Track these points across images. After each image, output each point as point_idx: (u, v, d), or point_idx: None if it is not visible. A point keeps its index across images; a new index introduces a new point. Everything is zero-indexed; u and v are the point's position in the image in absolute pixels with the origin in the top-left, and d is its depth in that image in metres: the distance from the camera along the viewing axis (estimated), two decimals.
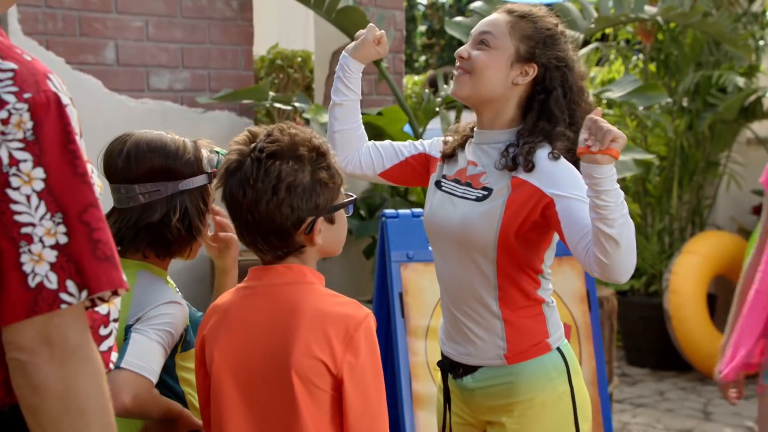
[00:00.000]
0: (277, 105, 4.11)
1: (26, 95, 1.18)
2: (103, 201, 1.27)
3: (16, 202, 1.16)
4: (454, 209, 2.07)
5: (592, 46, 6.07)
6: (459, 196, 2.08)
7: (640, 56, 6.18)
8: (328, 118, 2.28)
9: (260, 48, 5.64)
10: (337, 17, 3.96)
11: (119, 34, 4.05)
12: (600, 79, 6.35)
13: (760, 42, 5.92)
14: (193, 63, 4.24)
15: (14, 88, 1.18)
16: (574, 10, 4.37)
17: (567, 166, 2.00)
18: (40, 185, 1.17)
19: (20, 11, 3.80)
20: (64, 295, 1.17)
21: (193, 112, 4.22)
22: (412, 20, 12.46)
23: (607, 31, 6.21)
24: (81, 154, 1.21)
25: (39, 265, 1.17)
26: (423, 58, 12.81)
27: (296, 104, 4.02)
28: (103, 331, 1.37)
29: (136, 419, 1.79)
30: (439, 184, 2.15)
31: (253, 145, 1.65)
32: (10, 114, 1.17)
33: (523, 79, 2.06)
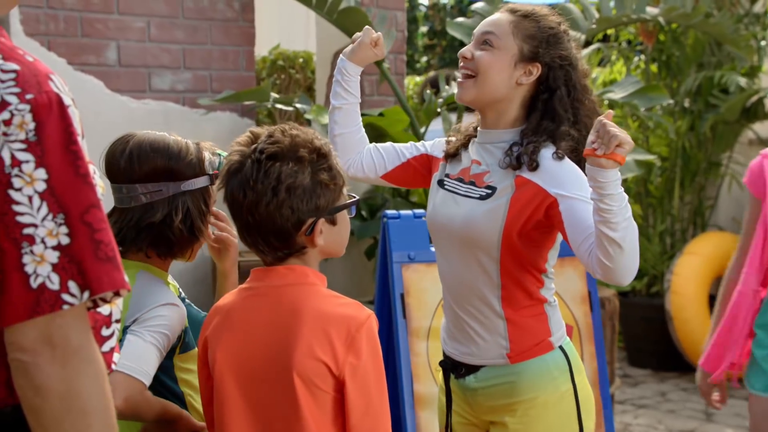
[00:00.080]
0: (278, 106, 4.11)
1: (28, 96, 1.18)
2: (105, 202, 1.27)
3: (18, 203, 1.16)
4: (458, 208, 2.07)
5: (594, 47, 6.06)
6: (462, 194, 2.08)
7: (642, 57, 6.18)
8: (329, 122, 2.27)
9: (262, 49, 5.64)
10: (339, 18, 3.96)
11: (121, 34, 4.05)
12: (601, 80, 6.34)
13: (762, 43, 5.91)
14: (195, 64, 4.24)
15: (16, 89, 1.18)
16: (575, 10, 4.36)
17: (571, 167, 2.00)
18: (42, 186, 1.17)
19: (22, 12, 3.80)
20: (66, 296, 1.17)
21: (195, 113, 4.22)
22: (413, 21, 12.46)
23: (609, 32, 6.21)
24: (83, 155, 1.21)
25: (41, 266, 1.17)
26: (424, 59, 12.80)
27: (298, 105, 4.02)
28: (105, 332, 1.37)
29: (131, 420, 1.79)
30: (442, 183, 2.15)
31: (253, 147, 1.65)
32: (12, 115, 1.17)
33: (527, 79, 2.05)
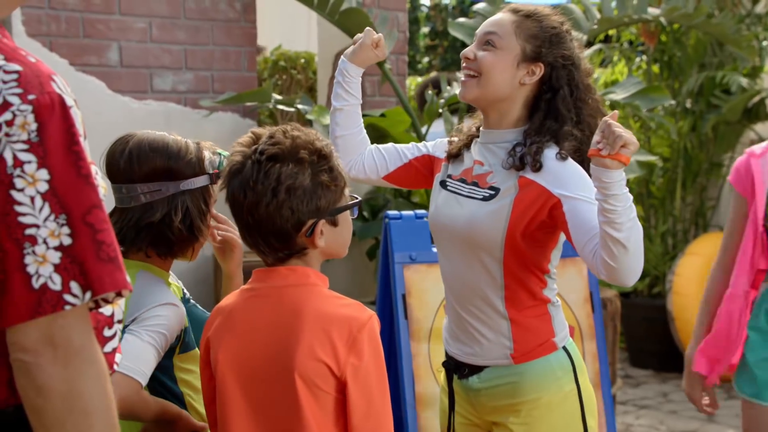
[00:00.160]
0: (280, 107, 4.11)
1: (30, 97, 1.18)
2: (107, 202, 1.27)
3: (20, 204, 1.16)
4: (461, 209, 2.07)
5: (595, 47, 6.06)
6: (465, 195, 2.08)
7: (644, 58, 6.18)
8: (330, 123, 2.27)
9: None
10: (340, 19, 3.96)
11: (122, 35, 4.05)
12: (603, 81, 6.34)
13: (764, 43, 5.91)
14: (197, 64, 4.24)
15: (19, 90, 1.18)
16: (577, 11, 4.36)
17: (575, 167, 1.99)
18: (44, 186, 1.17)
19: (24, 13, 3.81)
20: (68, 297, 1.17)
21: (197, 114, 4.22)
22: (415, 22, 12.46)
23: (611, 33, 6.22)
24: (85, 156, 1.21)
25: (43, 266, 1.17)
26: (426, 60, 12.80)
27: (299, 106, 4.02)
28: (107, 333, 1.37)
29: (127, 420, 1.79)
30: (444, 184, 2.15)
31: (254, 147, 1.65)
32: (14, 115, 1.17)
33: (530, 79, 2.05)
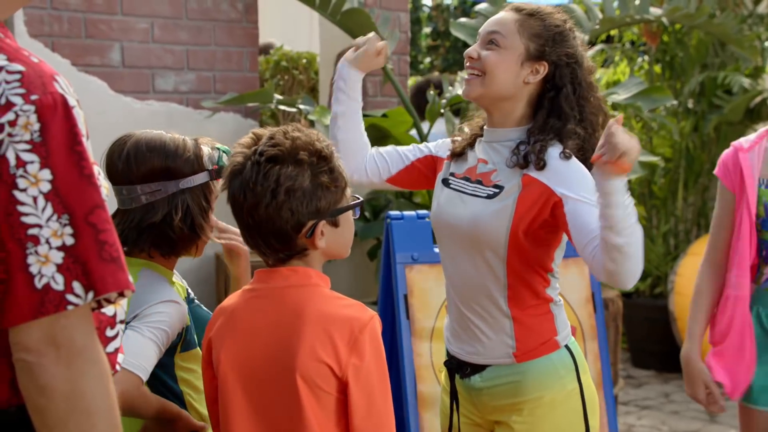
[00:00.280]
0: (282, 107, 4.11)
1: (33, 97, 1.18)
2: (110, 202, 1.27)
3: (23, 204, 1.17)
4: (464, 207, 2.06)
5: (597, 47, 6.06)
6: (469, 193, 2.07)
7: (646, 58, 6.18)
8: (330, 128, 2.26)
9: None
10: (342, 19, 3.96)
11: (125, 35, 4.05)
12: (605, 81, 6.34)
13: (766, 43, 5.90)
14: (199, 65, 4.24)
15: (21, 90, 1.18)
16: (578, 11, 4.36)
17: (578, 167, 2.00)
18: (46, 187, 1.17)
19: (26, 13, 3.81)
20: (71, 297, 1.18)
21: (199, 114, 4.22)
22: (416, 22, 12.46)
23: (612, 33, 6.22)
24: (88, 156, 1.22)
25: (45, 266, 1.17)
26: (428, 60, 12.79)
27: (301, 106, 4.02)
28: (109, 333, 1.37)
29: (126, 416, 1.78)
30: (447, 182, 2.14)
31: (254, 149, 1.65)
32: (17, 116, 1.17)
33: (534, 78, 2.05)
